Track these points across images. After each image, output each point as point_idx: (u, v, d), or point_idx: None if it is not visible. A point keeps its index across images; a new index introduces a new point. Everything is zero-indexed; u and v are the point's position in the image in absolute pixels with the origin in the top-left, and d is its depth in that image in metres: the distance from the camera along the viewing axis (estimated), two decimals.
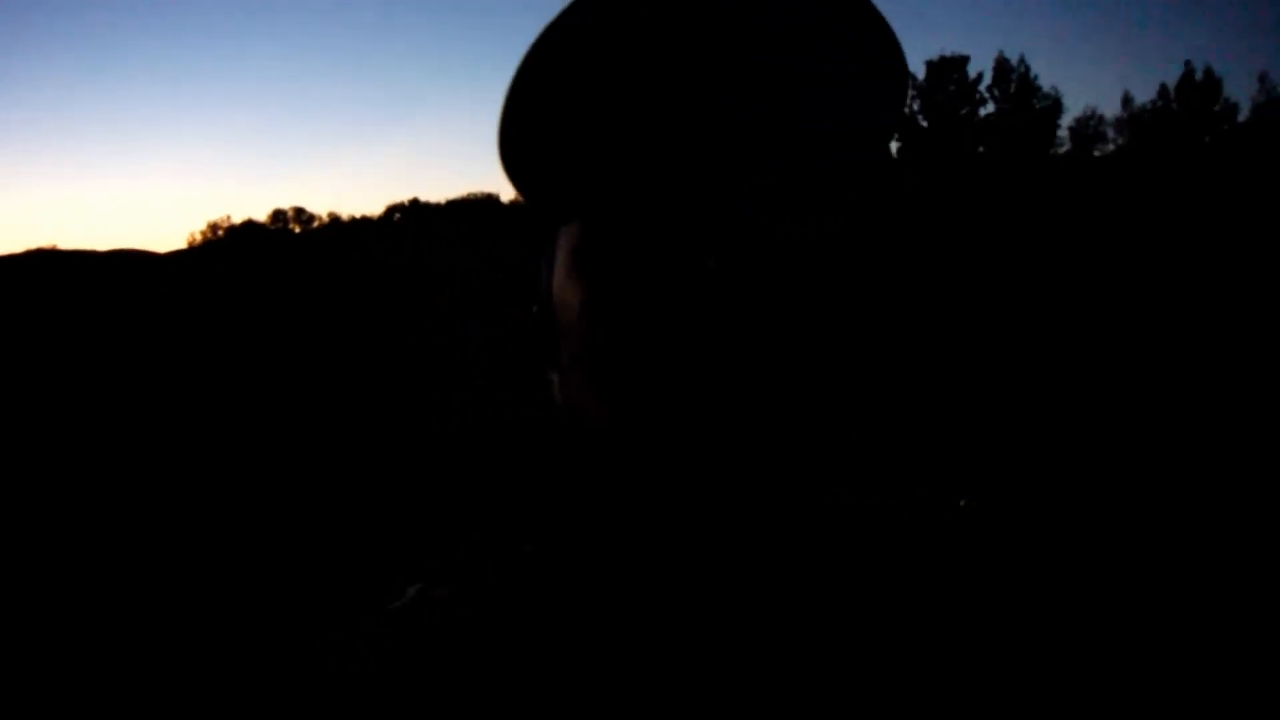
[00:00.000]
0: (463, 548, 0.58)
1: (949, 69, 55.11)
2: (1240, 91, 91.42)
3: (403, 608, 0.62)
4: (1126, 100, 58.82)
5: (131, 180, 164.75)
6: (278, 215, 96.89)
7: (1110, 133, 59.05)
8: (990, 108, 55.28)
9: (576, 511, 0.61)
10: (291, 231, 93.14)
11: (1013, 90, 55.06)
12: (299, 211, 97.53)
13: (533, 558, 0.61)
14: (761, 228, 0.52)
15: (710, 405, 0.52)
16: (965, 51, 56.78)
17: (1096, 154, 58.15)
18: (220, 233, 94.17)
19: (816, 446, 0.55)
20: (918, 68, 57.22)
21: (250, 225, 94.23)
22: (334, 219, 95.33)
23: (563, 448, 0.60)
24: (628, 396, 0.54)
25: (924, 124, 54.93)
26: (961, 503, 0.63)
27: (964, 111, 54.79)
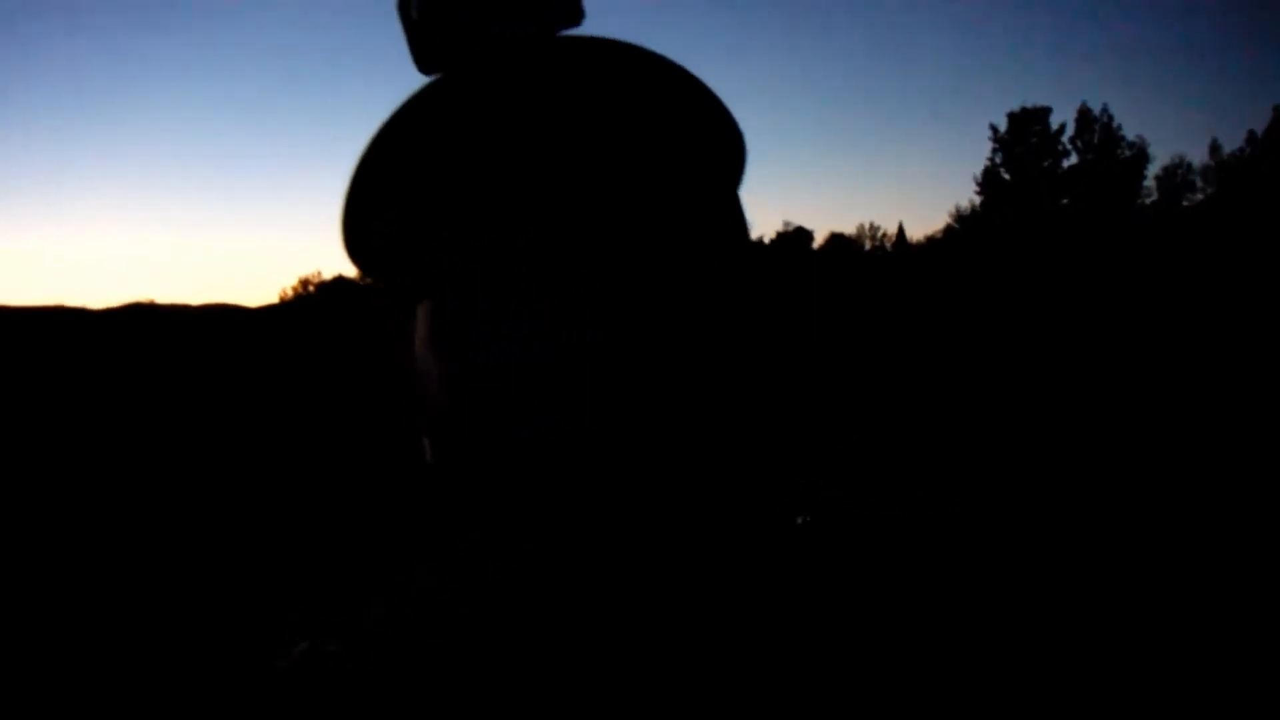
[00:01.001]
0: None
1: (1030, 121, 54.86)
2: None
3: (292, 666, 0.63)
4: (1215, 148, 58.02)
5: (227, 232, 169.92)
6: None
7: (1198, 181, 58.19)
8: (1073, 159, 54.97)
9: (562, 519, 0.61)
10: (379, 287, 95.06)
11: (1096, 140, 54.65)
12: None
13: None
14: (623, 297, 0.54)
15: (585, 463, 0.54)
16: (1048, 103, 56.26)
17: (1185, 204, 57.28)
18: (311, 288, 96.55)
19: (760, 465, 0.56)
20: (999, 120, 57.02)
21: (340, 280, 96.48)
22: None
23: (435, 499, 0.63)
24: (488, 465, 0.57)
25: (1006, 177, 54.73)
26: (798, 520, 0.64)
27: (1046, 164, 54.48)
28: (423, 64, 0.61)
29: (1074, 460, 7.74)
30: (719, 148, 0.62)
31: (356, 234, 0.63)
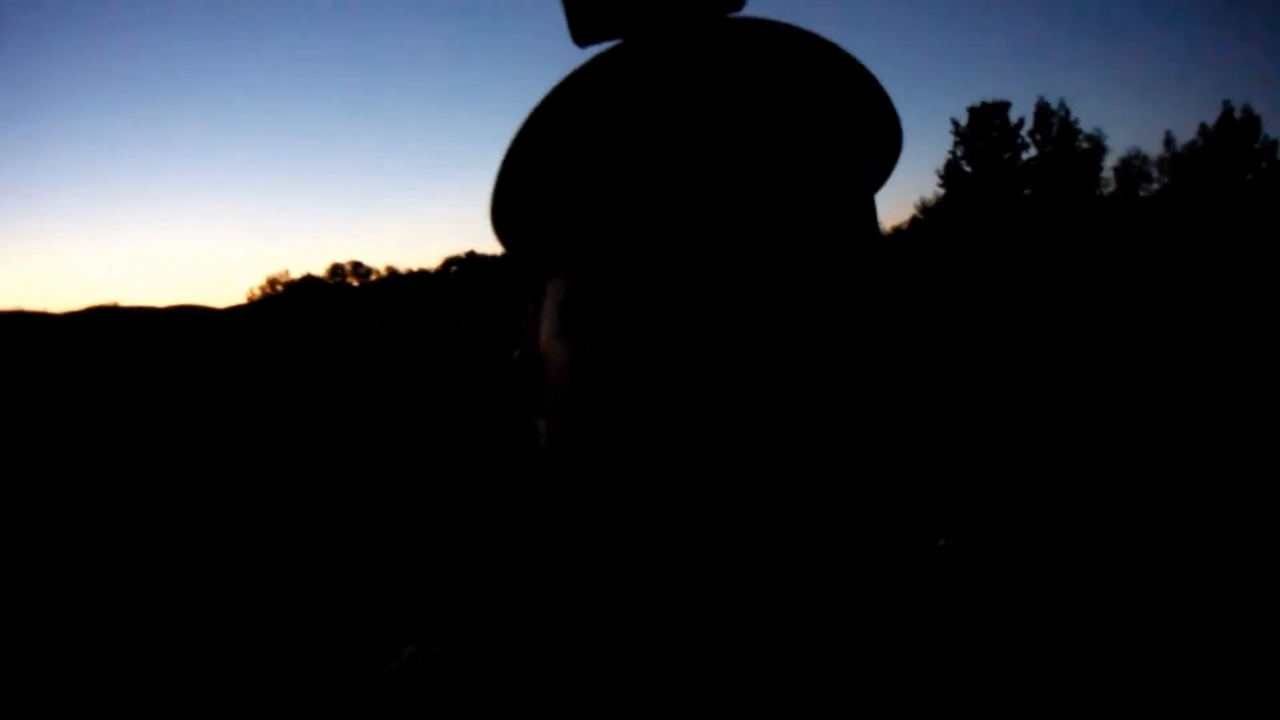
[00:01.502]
0: (463, 548, 0.73)
1: (990, 115, 55.49)
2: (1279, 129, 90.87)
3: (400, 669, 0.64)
4: (1169, 140, 58.90)
5: (190, 234, 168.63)
6: (336, 270, 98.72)
7: (1154, 172, 59.06)
8: (1032, 152, 55.67)
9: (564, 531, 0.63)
10: (350, 285, 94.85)
11: (1054, 134, 55.39)
12: (356, 265, 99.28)
13: (532, 556, 0.62)
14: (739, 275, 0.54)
15: (691, 466, 0.54)
16: (1007, 97, 57.00)
17: (1142, 194, 58.13)
18: (279, 287, 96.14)
19: (804, 473, 0.57)
20: (960, 114, 57.68)
21: (309, 280, 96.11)
22: (392, 272, 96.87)
23: (542, 489, 0.63)
24: (611, 449, 0.56)
25: (967, 169, 55.36)
26: (940, 542, 0.64)
27: (1006, 156, 55.14)
28: (580, 35, 0.59)
29: (1042, 448, 7.85)
30: (873, 145, 0.61)
31: (506, 209, 0.62)
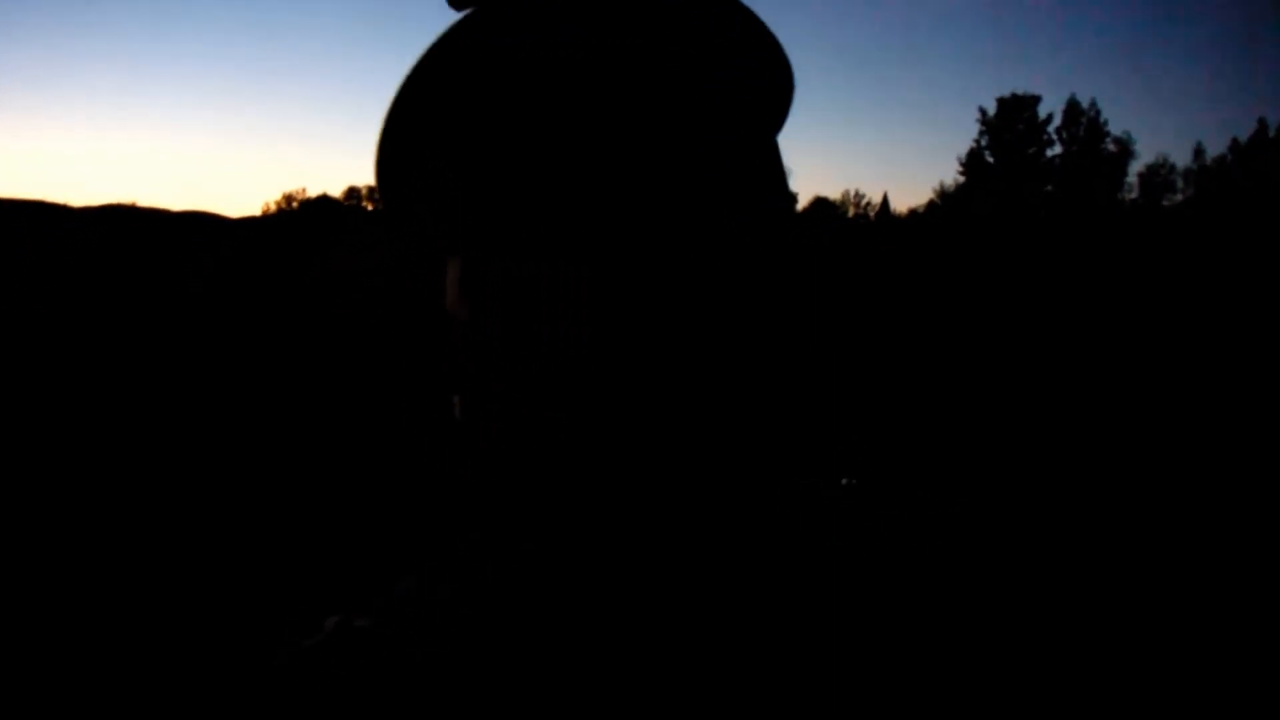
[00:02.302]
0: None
1: (1019, 108, 55.34)
2: None
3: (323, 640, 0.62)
4: (1199, 152, 58.75)
5: (213, 140, 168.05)
6: (352, 192, 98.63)
7: (1179, 182, 58.95)
8: (1057, 149, 55.56)
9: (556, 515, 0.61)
10: (364, 209, 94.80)
11: (1081, 133, 55.24)
12: (373, 190, 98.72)
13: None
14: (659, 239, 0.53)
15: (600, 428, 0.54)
16: (1038, 92, 56.74)
17: (1165, 203, 58.07)
18: (294, 204, 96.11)
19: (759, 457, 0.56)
20: (989, 104, 57.45)
21: (325, 199, 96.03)
22: None
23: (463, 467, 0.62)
24: (529, 417, 0.55)
25: (990, 160, 55.26)
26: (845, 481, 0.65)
27: (1031, 151, 55.03)
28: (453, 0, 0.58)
29: (1048, 448, 7.88)
30: (764, 86, 0.59)
31: (390, 174, 0.60)
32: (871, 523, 0.62)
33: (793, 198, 0.60)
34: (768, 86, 0.59)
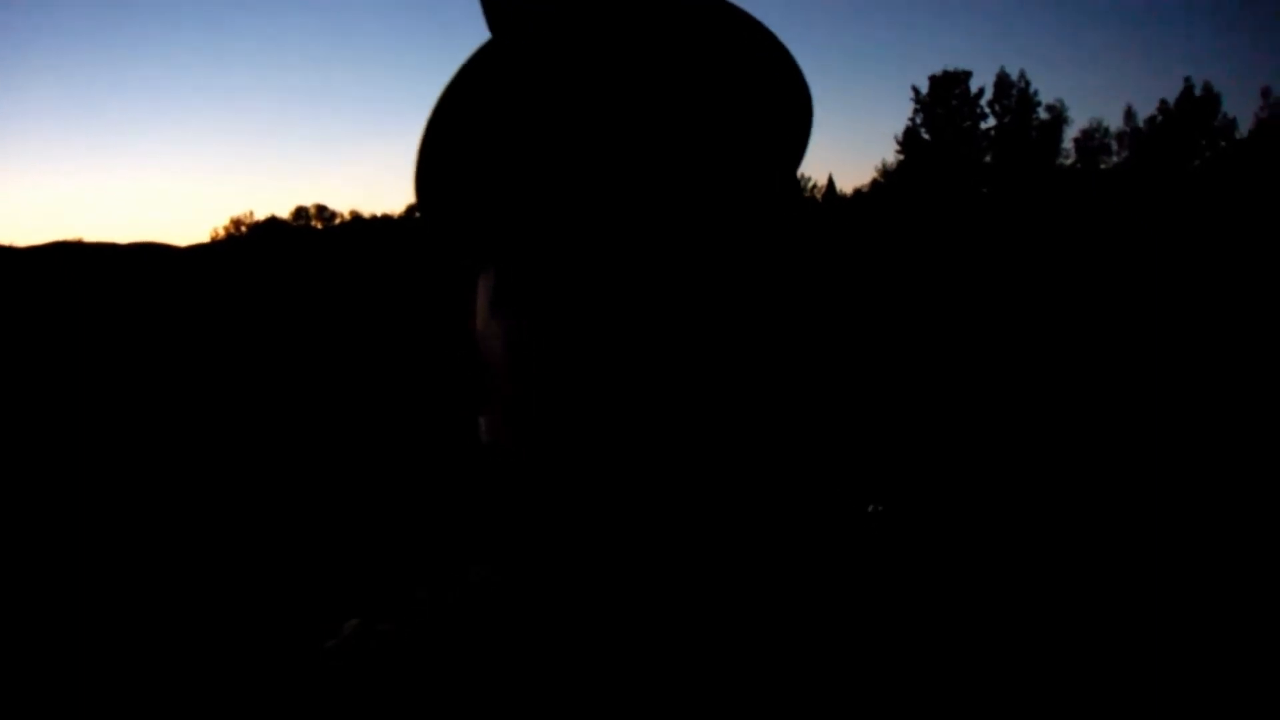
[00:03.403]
0: (464, 554, 0.62)
1: (951, 84, 56.22)
2: (1239, 108, 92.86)
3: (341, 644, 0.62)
4: (1129, 114, 59.92)
5: (157, 172, 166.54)
6: (300, 213, 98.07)
7: (1114, 145, 60.12)
8: (991, 121, 56.50)
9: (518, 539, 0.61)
10: (314, 229, 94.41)
11: (1013, 105, 56.21)
12: (321, 209, 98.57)
13: (480, 584, 0.60)
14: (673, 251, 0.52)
15: (639, 446, 0.52)
16: (969, 67, 57.66)
17: (1103, 166, 59.20)
18: (243, 229, 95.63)
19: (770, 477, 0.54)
20: (921, 82, 58.32)
21: (273, 221, 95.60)
22: (356, 217, 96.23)
23: (492, 484, 0.60)
24: (554, 437, 0.55)
25: (926, 136, 56.10)
26: (870, 508, 0.63)
27: (966, 125, 55.92)
28: (495, 25, 0.57)
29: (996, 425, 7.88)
30: (784, 119, 0.58)
31: (431, 190, 0.59)
32: (853, 523, 0.62)
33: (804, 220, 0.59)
34: (791, 119, 0.59)
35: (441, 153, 0.58)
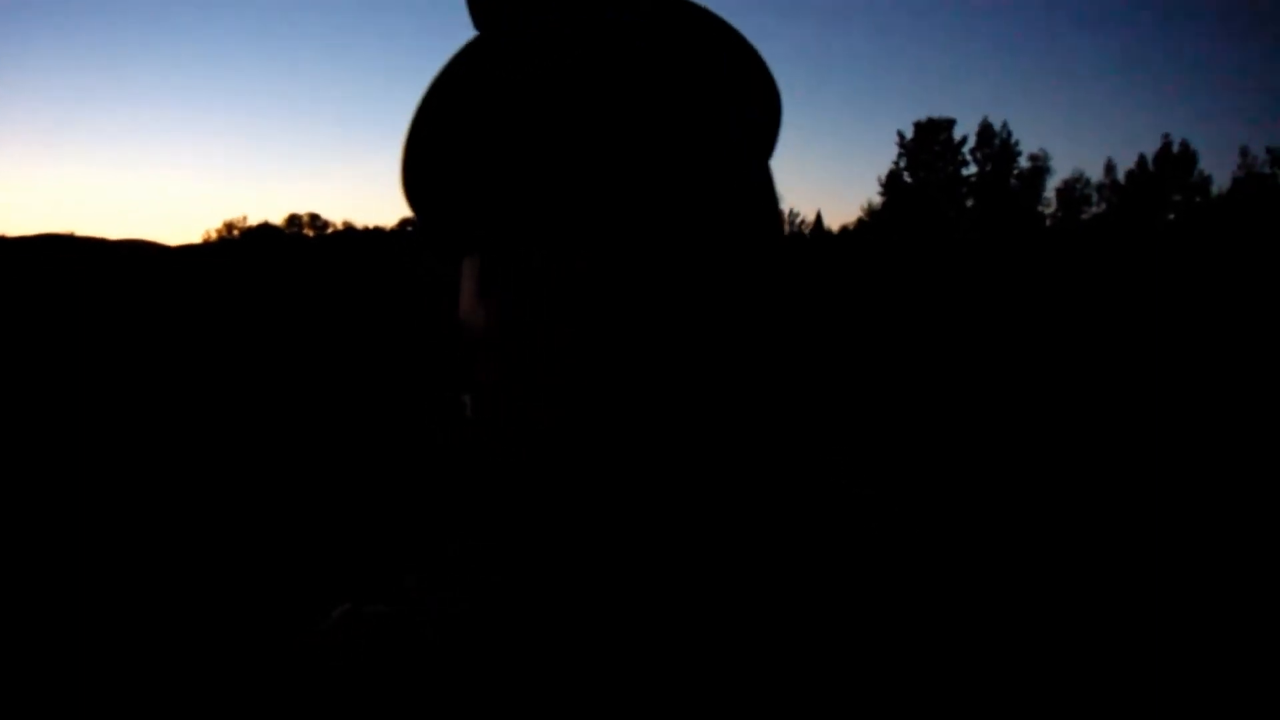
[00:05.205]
0: (454, 549, 0.59)
1: (935, 130, 57.54)
2: (1215, 165, 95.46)
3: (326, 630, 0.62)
4: (1110, 167, 61.18)
5: (155, 170, 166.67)
6: (293, 220, 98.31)
7: (1095, 196, 61.38)
8: (973, 169, 57.76)
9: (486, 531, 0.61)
10: (305, 236, 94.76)
11: (995, 153, 57.47)
12: (314, 217, 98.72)
13: (416, 590, 0.61)
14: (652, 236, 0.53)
15: (627, 428, 0.53)
16: (953, 115, 58.99)
17: (1083, 217, 60.42)
18: (235, 232, 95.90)
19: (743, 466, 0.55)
20: (907, 128, 59.52)
21: (266, 227, 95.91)
22: (348, 227, 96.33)
23: (470, 468, 0.61)
24: (535, 415, 0.55)
25: (908, 180, 57.24)
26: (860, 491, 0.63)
27: (949, 170, 57.10)
28: (480, 22, 0.58)
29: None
30: (755, 110, 0.59)
31: (418, 177, 0.60)
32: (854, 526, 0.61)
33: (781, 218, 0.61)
34: (762, 110, 0.60)
35: (428, 141, 0.59)
